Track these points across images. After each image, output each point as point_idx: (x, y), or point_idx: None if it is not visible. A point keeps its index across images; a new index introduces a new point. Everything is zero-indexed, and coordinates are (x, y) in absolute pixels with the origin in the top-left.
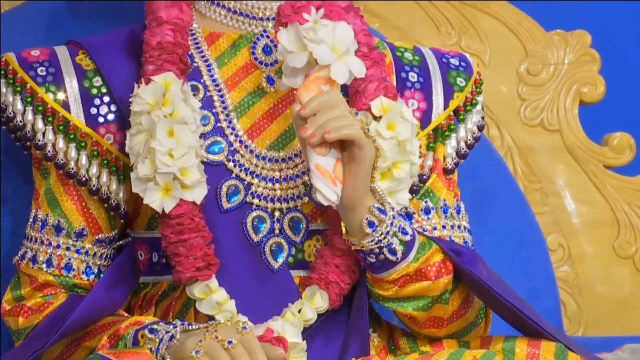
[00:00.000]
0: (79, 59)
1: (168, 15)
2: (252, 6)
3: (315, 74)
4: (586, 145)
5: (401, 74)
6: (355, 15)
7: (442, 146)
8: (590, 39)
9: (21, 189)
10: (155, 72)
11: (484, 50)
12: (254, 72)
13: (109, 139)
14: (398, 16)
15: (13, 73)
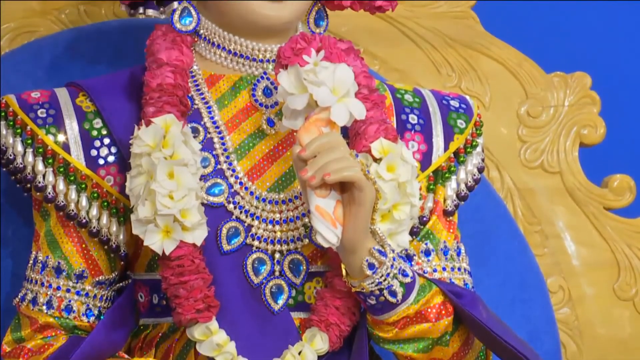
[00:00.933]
0: (79, 100)
1: (168, 57)
2: (252, 48)
3: (316, 116)
4: (586, 187)
5: (401, 115)
6: (355, 57)
7: (442, 188)
8: (591, 81)
9: (21, 230)
10: (155, 114)
11: (484, 92)
12: (254, 114)
13: (109, 180)
14: (398, 58)
15: (13, 115)
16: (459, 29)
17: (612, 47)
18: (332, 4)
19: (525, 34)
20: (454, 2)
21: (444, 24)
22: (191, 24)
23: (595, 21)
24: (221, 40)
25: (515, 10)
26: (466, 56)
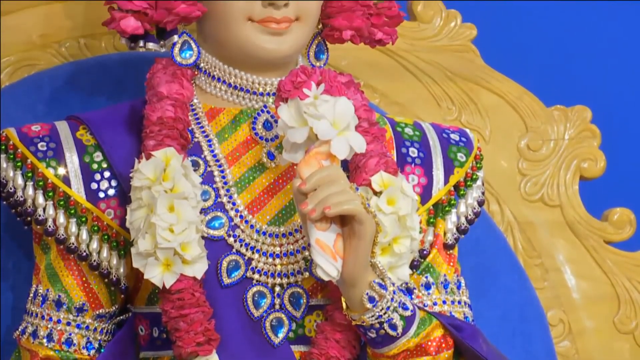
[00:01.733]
0: (79, 134)
1: (169, 90)
2: (252, 82)
3: (316, 149)
4: (586, 221)
5: (401, 149)
6: (355, 90)
7: (442, 221)
8: (591, 114)
9: (22, 263)
10: (155, 147)
11: (485, 125)
12: (255, 147)
13: (109, 214)
14: (398, 92)
15: (14, 148)
16: (459, 63)
17: (613, 81)
18: (332, 38)
19: (525, 68)
20: (454, 36)
21: (444, 57)
22: (191, 57)
23: (595, 55)
24: (221, 73)
25: (515, 44)
26: (466, 89)
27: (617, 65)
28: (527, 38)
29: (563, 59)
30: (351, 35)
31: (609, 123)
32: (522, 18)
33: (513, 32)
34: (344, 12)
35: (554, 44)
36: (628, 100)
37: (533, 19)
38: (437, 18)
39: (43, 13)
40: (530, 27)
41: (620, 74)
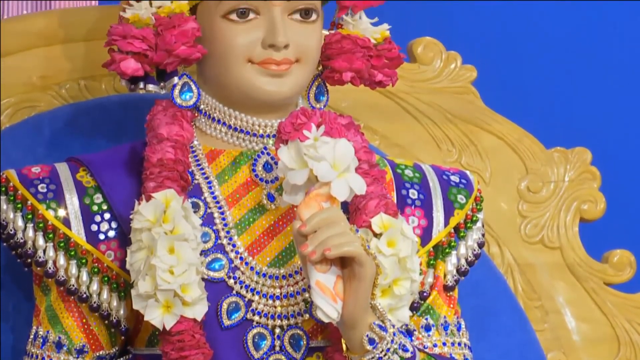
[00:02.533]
0: (79, 175)
1: (169, 132)
2: (252, 123)
3: (316, 191)
4: (586, 263)
5: (402, 191)
6: (355, 132)
7: (442, 263)
8: (591, 156)
9: (22, 305)
10: (156, 189)
11: (485, 167)
12: (255, 189)
13: (109, 255)
14: (398, 134)
15: (14, 190)
16: (459, 104)
17: (613, 123)
18: (332, 79)
19: (525, 109)
20: (454, 77)
21: (444, 99)
22: (191, 99)
23: (595, 97)
24: (221, 115)
25: (515, 86)
26: (466, 131)
27: (617, 107)
28: (527, 80)
29: (563, 101)
30: (351, 77)
31: (609, 165)
32: (522, 60)
33: (513, 74)
34: (344, 54)
35: (554, 86)
36: (628, 142)
37: (533, 61)
38: (437, 60)
39: (43, 55)
40: (531, 69)
41: (620, 116)
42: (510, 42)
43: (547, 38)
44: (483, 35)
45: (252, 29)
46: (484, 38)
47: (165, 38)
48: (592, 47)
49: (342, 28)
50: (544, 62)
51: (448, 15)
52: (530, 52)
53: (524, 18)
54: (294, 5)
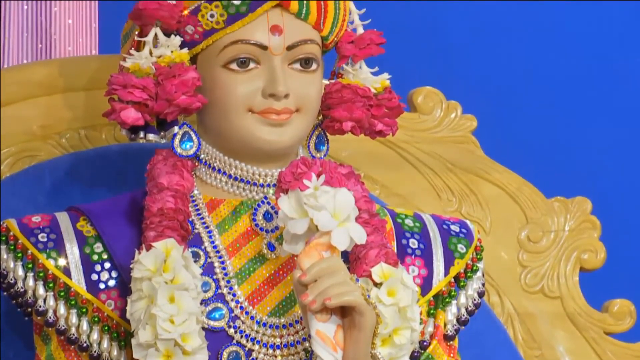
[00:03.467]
0: (80, 225)
1: (169, 181)
2: (252, 173)
3: (316, 241)
4: (586, 312)
5: (402, 240)
6: (356, 181)
7: (442, 313)
8: (591, 205)
9: (22, 354)
10: (156, 239)
11: (485, 216)
12: (255, 238)
13: (110, 305)
14: (399, 183)
15: (14, 239)
16: (459, 154)
17: (613, 172)
18: (332, 129)
19: (526, 159)
20: (454, 127)
21: (444, 148)
22: (192, 148)
23: (595, 146)
24: (222, 164)
25: (515, 135)
26: (467, 181)
27: (617, 157)
28: (528, 129)
29: (563, 150)
30: (351, 127)
31: (609, 214)
32: (522, 110)
33: (513, 124)
34: (344, 103)
35: (554, 136)
36: (628, 192)
37: (533, 111)
38: (437, 109)
39: (43, 104)
40: (531, 118)
41: (620, 166)
42: (510, 91)
43: (547, 87)
44: (483, 85)
45: (253, 79)
46: (484, 88)
47: (165, 87)
48: (593, 97)
49: (343, 77)
50: (544, 112)
51: (448, 65)
52: (530, 101)
53: (524, 68)
54: (294, 55)
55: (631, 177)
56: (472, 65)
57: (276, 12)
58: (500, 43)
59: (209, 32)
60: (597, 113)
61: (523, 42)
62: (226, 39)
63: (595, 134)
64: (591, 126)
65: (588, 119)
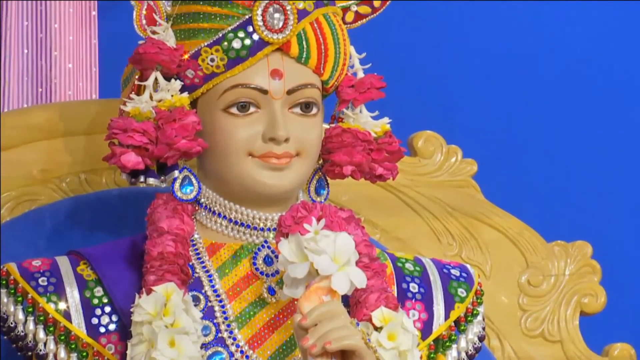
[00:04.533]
0: (80, 269)
1: (169, 225)
2: (253, 217)
3: (317, 285)
4: (587, 356)
5: (402, 284)
6: (356, 225)
7: (443, 357)
8: (591, 250)
9: None
10: (156, 282)
11: (485, 261)
12: (255, 282)
13: (110, 349)
14: (399, 227)
15: (14, 283)
16: (459, 198)
17: (613, 216)
18: (332, 173)
19: (526, 203)
20: (454, 171)
21: (444, 192)
22: (192, 192)
23: (595, 191)
24: (222, 209)
25: (516, 179)
26: (467, 225)
27: (617, 201)
28: (528, 173)
29: (563, 194)
30: (352, 171)
31: (609, 258)
32: (522, 154)
33: (514, 168)
34: (345, 148)
35: (554, 180)
36: (628, 236)
37: (534, 155)
38: (437, 153)
39: (44, 148)
40: (531, 162)
41: (620, 210)
42: (510, 136)
43: (547, 131)
44: (483, 129)
45: (253, 123)
46: (484, 132)
47: (165, 132)
48: (592, 142)
49: (343, 121)
50: (544, 156)
51: (448, 109)
52: (530, 146)
53: (524, 113)
54: (295, 99)
55: (631, 222)
56: (472, 110)
57: (276, 56)
58: (500, 87)
59: (209, 76)
60: (597, 157)
61: (522, 87)
62: (226, 83)
63: (596, 178)
64: (592, 170)
65: (588, 163)
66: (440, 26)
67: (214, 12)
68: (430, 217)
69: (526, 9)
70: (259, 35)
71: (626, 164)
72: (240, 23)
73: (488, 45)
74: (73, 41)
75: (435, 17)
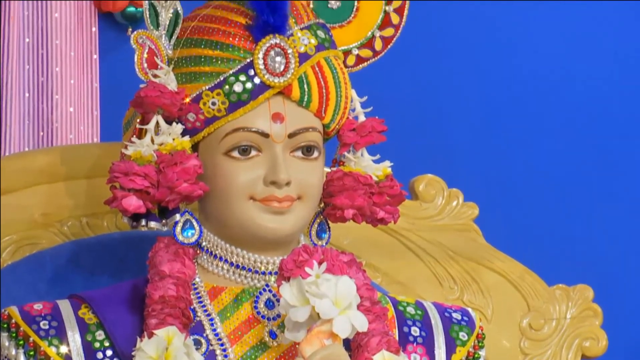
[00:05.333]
0: (81, 312)
1: (171, 269)
2: (254, 261)
3: (318, 328)
4: None
5: (403, 328)
6: (357, 269)
7: None
8: (593, 293)
9: None
10: (157, 326)
11: (487, 304)
12: (257, 326)
13: None
14: (400, 271)
15: (16, 327)
16: (461, 242)
17: (614, 260)
18: (334, 216)
19: (527, 247)
20: (456, 215)
21: (446, 236)
22: (193, 236)
23: (597, 235)
24: (223, 252)
25: (517, 223)
26: (468, 269)
27: (618, 246)
28: (529, 217)
29: (565, 238)
30: (353, 214)
31: (610, 301)
32: (523, 197)
33: (515, 212)
34: (346, 191)
35: (555, 223)
36: (629, 279)
37: (535, 199)
38: (439, 197)
39: (45, 192)
40: (532, 206)
41: (621, 254)
42: (511, 180)
43: (547, 175)
44: (484, 173)
45: (254, 166)
46: (485, 176)
47: (167, 175)
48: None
49: (344, 165)
50: (546, 200)
51: (449, 153)
52: (531, 190)
53: (525, 157)
54: (296, 143)
55: (632, 265)
56: (473, 154)
57: (278, 100)
58: (501, 131)
59: (210, 120)
60: (598, 201)
61: (523, 131)
62: (228, 127)
63: (597, 222)
64: (593, 214)
65: (589, 207)
66: (442, 71)
67: (215, 55)
68: (431, 260)
69: (526, 54)
70: (261, 78)
71: (626, 209)
72: (242, 66)
73: (489, 90)
74: (74, 84)
75: (437, 61)
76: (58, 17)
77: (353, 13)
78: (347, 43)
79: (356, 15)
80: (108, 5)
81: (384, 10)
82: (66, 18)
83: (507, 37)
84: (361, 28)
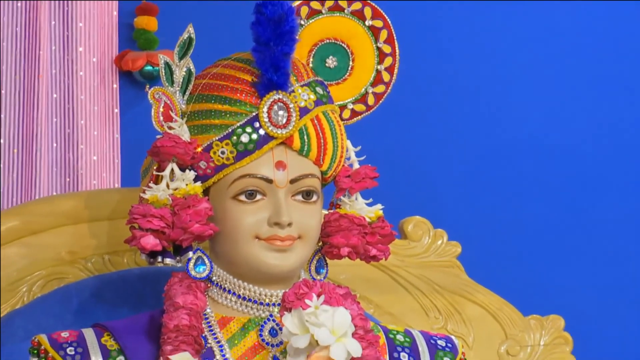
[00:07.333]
0: (104, 340)
1: (184, 301)
2: (259, 293)
3: (317, 354)
4: None
5: (394, 354)
6: (352, 301)
7: None
8: (564, 322)
9: None
10: (172, 352)
11: (468, 333)
12: (262, 352)
13: None
14: (391, 303)
15: (45, 352)
16: (445, 277)
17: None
18: (331, 254)
19: (505, 281)
20: (440, 253)
21: (431, 272)
22: (204, 271)
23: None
24: (232, 286)
25: (496, 260)
26: (452, 301)
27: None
28: (508, 254)
29: (539, 273)
30: (348, 252)
31: (581, 330)
32: (502, 237)
33: (494, 249)
34: (342, 231)
35: (530, 261)
36: (598, 310)
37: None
38: (425, 237)
39: (71, 232)
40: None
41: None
42: (492, 221)
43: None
44: (467, 215)
45: (259, 209)
46: (468, 217)
47: (181, 217)
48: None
49: (340, 208)
50: (522, 240)
51: (435, 197)
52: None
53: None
54: (297, 188)
55: (601, 298)
56: (457, 197)
57: (280, 149)
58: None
59: (220, 167)
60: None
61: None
62: (235, 174)
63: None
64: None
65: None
66: (428, 123)
67: (224, 109)
68: (419, 294)
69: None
70: (265, 130)
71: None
72: (248, 119)
73: (469, 141)
74: (97, 136)
75: (423, 115)
76: (83, 75)
77: (348, 72)
78: (343, 98)
79: (351, 74)
80: (128, 65)
81: (376, 69)
82: (90, 76)
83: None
84: (356, 85)
